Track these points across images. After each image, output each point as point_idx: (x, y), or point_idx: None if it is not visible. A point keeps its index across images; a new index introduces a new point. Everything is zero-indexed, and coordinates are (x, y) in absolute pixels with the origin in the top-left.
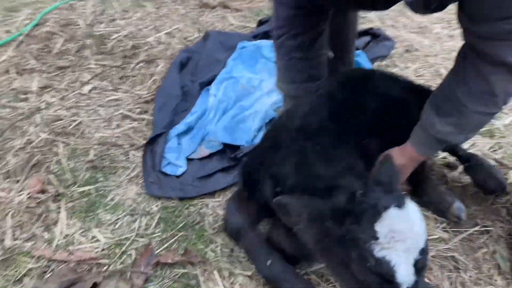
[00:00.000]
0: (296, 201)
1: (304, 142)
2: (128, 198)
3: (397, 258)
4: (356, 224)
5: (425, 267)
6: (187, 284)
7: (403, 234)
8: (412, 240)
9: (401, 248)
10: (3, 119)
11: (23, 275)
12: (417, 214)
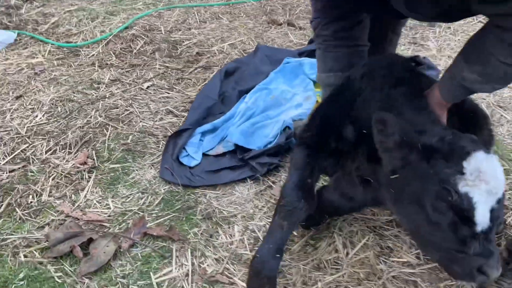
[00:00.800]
0: (395, 119)
1: (389, 90)
2: (144, 179)
3: (479, 196)
4: (443, 160)
5: (499, 219)
6: (162, 255)
7: (489, 175)
8: (495, 184)
9: (484, 189)
10: (74, 102)
11: (45, 224)
12: (500, 166)
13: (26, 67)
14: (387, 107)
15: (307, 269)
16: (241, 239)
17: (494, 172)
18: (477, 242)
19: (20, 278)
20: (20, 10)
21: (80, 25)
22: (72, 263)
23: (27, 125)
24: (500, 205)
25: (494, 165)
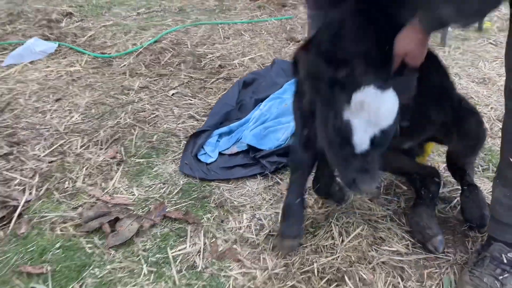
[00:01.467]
0: (306, 56)
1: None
2: (166, 172)
3: (357, 124)
4: (341, 91)
5: (381, 147)
6: (178, 234)
7: (370, 108)
8: (376, 117)
9: (364, 118)
10: (107, 105)
11: (79, 205)
12: (390, 103)
13: (65, 74)
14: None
15: (305, 252)
16: (248, 225)
17: (377, 106)
18: (356, 160)
19: (57, 247)
20: (60, 23)
21: (114, 38)
22: (101, 238)
23: (64, 124)
24: (384, 136)
25: (381, 100)
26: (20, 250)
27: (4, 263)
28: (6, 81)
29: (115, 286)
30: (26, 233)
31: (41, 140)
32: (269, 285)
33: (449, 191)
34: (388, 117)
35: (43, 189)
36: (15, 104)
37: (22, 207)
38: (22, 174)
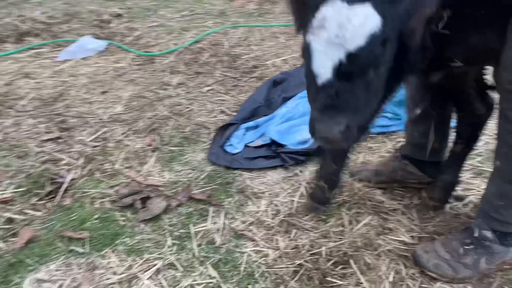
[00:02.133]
0: None
1: None
2: (195, 160)
3: (316, 45)
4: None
5: (351, 78)
6: (201, 213)
7: (332, 23)
8: (338, 34)
9: (324, 37)
10: (146, 99)
11: (116, 184)
12: (359, 19)
13: (112, 70)
14: None
15: (315, 237)
16: (265, 210)
17: (343, 20)
18: (320, 95)
19: (95, 218)
20: (111, 24)
21: (158, 38)
22: (133, 212)
23: (108, 114)
24: (353, 61)
25: (347, 14)
26: (64, 219)
27: (50, 229)
28: (60, 75)
29: (142, 253)
30: (70, 205)
31: (87, 127)
32: (279, 262)
33: (463, 189)
34: (356, 36)
35: (86, 169)
36: (67, 95)
37: (68, 184)
38: (69, 156)
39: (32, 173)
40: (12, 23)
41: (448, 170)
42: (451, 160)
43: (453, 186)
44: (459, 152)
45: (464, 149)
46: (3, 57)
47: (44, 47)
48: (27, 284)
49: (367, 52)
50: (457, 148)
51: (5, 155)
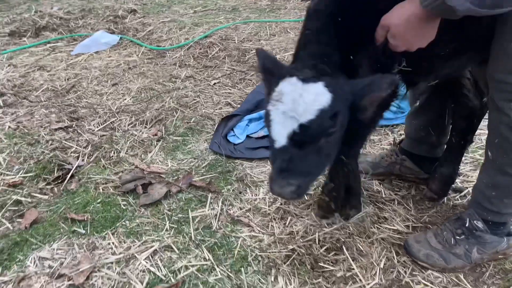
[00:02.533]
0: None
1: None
2: (198, 149)
3: (275, 116)
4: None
5: (303, 145)
6: (200, 200)
7: (287, 98)
8: (294, 108)
9: (280, 109)
10: (154, 90)
11: (120, 171)
12: (311, 96)
13: (123, 63)
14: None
15: (309, 223)
16: (263, 197)
17: (295, 97)
18: (276, 158)
19: (98, 202)
20: (125, 19)
21: (169, 33)
22: (134, 197)
23: (117, 105)
24: (305, 132)
25: (301, 92)
26: (68, 202)
27: (54, 211)
28: (74, 67)
29: (141, 236)
30: (75, 190)
31: (96, 117)
32: (273, 247)
33: (462, 181)
34: (307, 111)
35: (93, 156)
36: (79, 86)
37: (74, 170)
38: (78, 144)
39: (42, 159)
40: (30, 18)
41: (446, 163)
42: (448, 153)
43: (452, 180)
44: (456, 145)
45: (460, 142)
46: (20, 50)
47: (60, 41)
48: (30, 261)
49: (317, 125)
50: (453, 141)
51: (17, 142)
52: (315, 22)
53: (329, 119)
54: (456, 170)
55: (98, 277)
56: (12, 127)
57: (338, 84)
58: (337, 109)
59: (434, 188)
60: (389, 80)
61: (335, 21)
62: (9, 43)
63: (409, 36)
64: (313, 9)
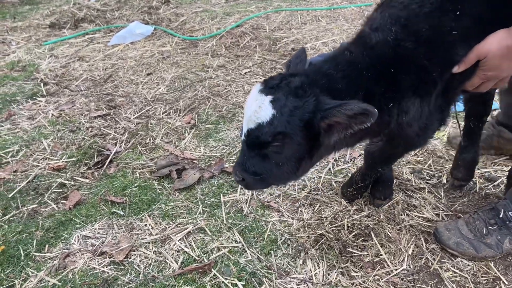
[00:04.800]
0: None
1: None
2: (229, 137)
3: (243, 118)
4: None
5: (251, 147)
6: (231, 185)
7: (249, 101)
8: (249, 113)
9: (245, 113)
10: (188, 80)
11: (156, 157)
12: (257, 107)
13: (157, 53)
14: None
15: (338, 209)
16: (292, 184)
17: (251, 105)
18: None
19: (135, 186)
20: (159, 10)
21: (202, 23)
22: (169, 182)
23: (152, 94)
24: (253, 134)
25: (251, 101)
26: (108, 185)
27: (95, 193)
28: (110, 58)
29: (176, 218)
30: (113, 174)
31: (132, 106)
32: (301, 231)
33: (496, 171)
34: (250, 120)
35: (130, 143)
36: (116, 76)
37: (113, 156)
38: (115, 131)
39: (83, 145)
40: (69, 10)
41: (467, 149)
42: (467, 138)
43: (475, 163)
44: (473, 129)
45: (478, 125)
46: (61, 41)
47: (98, 33)
48: (75, 239)
49: (255, 135)
50: (470, 126)
51: (59, 129)
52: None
53: (269, 134)
54: (478, 151)
55: (136, 256)
56: (55, 114)
57: (288, 102)
58: (278, 128)
59: (460, 176)
60: (360, 109)
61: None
62: (50, 35)
63: (505, 65)
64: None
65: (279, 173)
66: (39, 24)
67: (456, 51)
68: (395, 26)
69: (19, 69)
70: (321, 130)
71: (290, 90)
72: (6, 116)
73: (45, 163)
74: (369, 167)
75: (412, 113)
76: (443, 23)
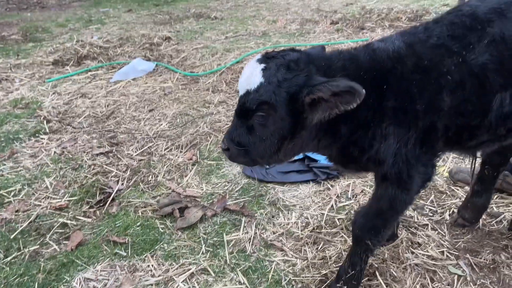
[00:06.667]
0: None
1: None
2: (231, 173)
3: (239, 83)
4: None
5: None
6: (234, 224)
7: (244, 72)
8: (242, 79)
9: (241, 78)
10: (189, 116)
11: (158, 195)
12: (249, 74)
13: (159, 89)
14: None
15: (342, 248)
16: (295, 222)
17: (245, 72)
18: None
19: (137, 225)
20: (160, 46)
21: (202, 59)
22: (171, 221)
23: (154, 130)
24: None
25: (248, 68)
26: (110, 225)
27: (98, 233)
28: (113, 94)
29: (179, 259)
30: (116, 213)
31: (134, 142)
32: (306, 271)
33: (498, 206)
34: (241, 86)
35: (132, 181)
36: (118, 112)
37: (115, 194)
38: (118, 168)
39: (85, 183)
40: (72, 47)
41: (478, 193)
42: (481, 184)
43: (484, 208)
44: (488, 177)
45: (493, 174)
46: (64, 78)
47: (100, 69)
48: (76, 282)
49: (243, 101)
50: (485, 173)
51: (62, 167)
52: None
53: (254, 102)
54: (489, 198)
55: None
56: (57, 152)
57: (279, 73)
58: (264, 98)
59: (467, 216)
60: (346, 86)
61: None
62: (53, 72)
63: None
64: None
65: (261, 148)
66: (42, 61)
67: (442, 96)
68: (399, 41)
69: (22, 106)
70: (306, 106)
71: (284, 62)
72: (8, 155)
73: (47, 202)
74: (357, 241)
75: (386, 141)
76: (443, 63)
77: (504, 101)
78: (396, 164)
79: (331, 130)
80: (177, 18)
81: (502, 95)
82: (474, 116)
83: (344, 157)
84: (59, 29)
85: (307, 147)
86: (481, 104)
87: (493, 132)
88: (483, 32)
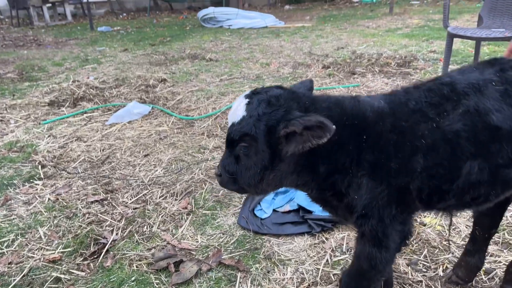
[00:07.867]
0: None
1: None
2: (226, 224)
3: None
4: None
5: (228, 146)
6: (229, 279)
7: (232, 109)
8: (230, 114)
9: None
10: (185, 162)
11: (153, 247)
12: (235, 109)
13: (154, 133)
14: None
15: None
16: (291, 277)
17: (234, 106)
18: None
19: (132, 280)
20: (155, 88)
21: (198, 102)
22: (167, 276)
23: (149, 177)
24: (235, 127)
25: (236, 102)
26: (104, 280)
27: None
28: (108, 138)
29: None
30: (110, 266)
31: (129, 190)
32: None
33: (490, 262)
34: (231, 117)
35: (127, 231)
36: (113, 157)
37: (110, 245)
38: (112, 217)
39: (79, 233)
40: (68, 88)
41: (470, 253)
42: (473, 244)
43: (478, 268)
44: (480, 238)
45: (485, 235)
46: (60, 120)
47: (96, 111)
48: None
49: (229, 132)
50: (477, 234)
51: (56, 216)
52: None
53: (237, 133)
54: (482, 259)
55: None
56: (51, 199)
57: (259, 108)
58: (245, 130)
59: (460, 275)
60: (317, 121)
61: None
62: (49, 113)
63: None
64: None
65: (246, 177)
66: (38, 101)
67: (416, 157)
68: (383, 100)
69: (17, 149)
70: (282, 138)
71: (265, 98)
72: (2, 202)
73: (41, 253)
74: None
75: (359, 191)
76: (418, 127)
77: (473, 169)
78: (369, 219)
79: (310, 166)
80: (173, 58)
81: (471, 164)
82: (444, 180)
83: (322, 199)
84: (55, 68)
85: (286, 180)
86: (452, 169)
87: (459, 198)
88: (458, 103)
